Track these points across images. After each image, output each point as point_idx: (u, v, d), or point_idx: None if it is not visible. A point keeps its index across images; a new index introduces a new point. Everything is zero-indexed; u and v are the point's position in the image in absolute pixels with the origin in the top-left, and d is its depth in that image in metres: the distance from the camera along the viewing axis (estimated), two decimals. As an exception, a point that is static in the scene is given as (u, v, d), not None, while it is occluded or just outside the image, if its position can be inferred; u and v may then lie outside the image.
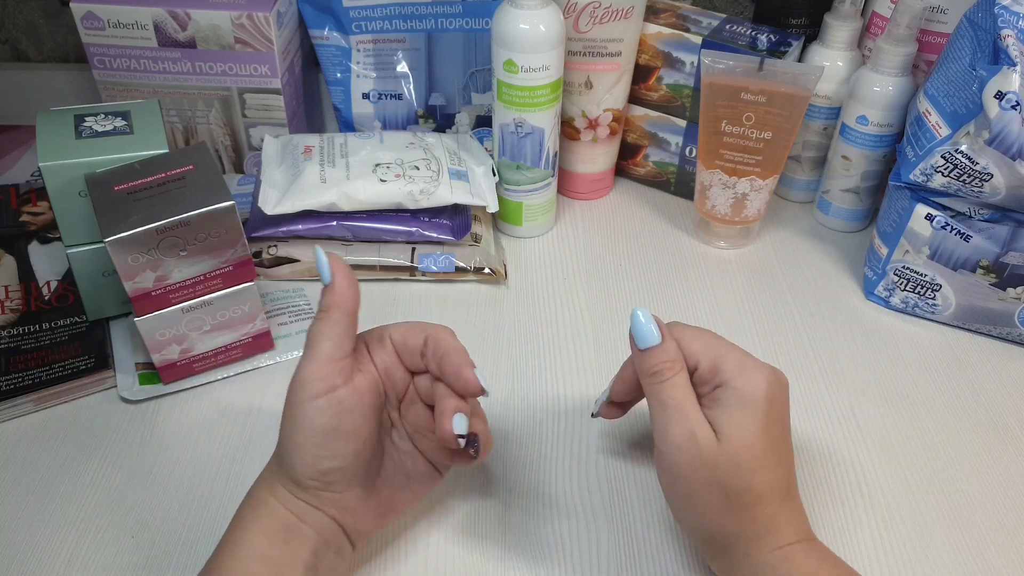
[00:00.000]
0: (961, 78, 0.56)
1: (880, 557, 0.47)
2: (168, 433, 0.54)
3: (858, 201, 0.71)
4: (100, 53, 0.69)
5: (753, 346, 0.61)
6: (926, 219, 0.59)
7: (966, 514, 0.50)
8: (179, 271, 0.51)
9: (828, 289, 0.67)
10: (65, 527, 0.48)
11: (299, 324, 0.61)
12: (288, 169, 0.65)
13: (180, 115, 0.73)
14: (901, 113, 0.65)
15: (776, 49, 0.67)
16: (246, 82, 0.71)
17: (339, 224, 0.64)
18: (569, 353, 0.60)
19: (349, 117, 0.77)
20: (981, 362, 0.60)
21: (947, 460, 0.53)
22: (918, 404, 0.57)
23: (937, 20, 0.66)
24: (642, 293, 0.66)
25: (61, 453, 0.52)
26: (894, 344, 0.62)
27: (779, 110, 0.64)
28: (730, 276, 0.68)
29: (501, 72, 0.63)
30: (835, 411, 0.56)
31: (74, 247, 0.57)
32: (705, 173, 0.69)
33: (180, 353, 0.55)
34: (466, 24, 0.73)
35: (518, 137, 0.66)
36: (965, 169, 0.55)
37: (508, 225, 0.71)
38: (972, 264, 0.59)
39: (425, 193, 0.64)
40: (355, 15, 0.72)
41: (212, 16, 0.67)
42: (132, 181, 0.52)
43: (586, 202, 0.77)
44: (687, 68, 0.70)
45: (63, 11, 0.84)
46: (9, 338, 0.58)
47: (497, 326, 0.62)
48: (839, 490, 0.51)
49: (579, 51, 0.68)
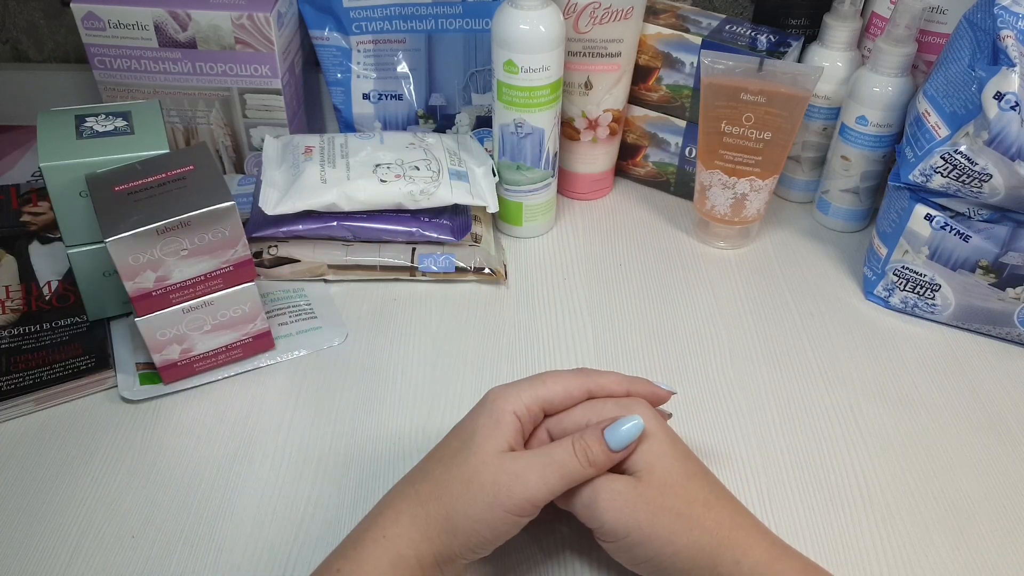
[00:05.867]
0: (960, 79, 0.56)
1: (880, 557, 0.47)
2: (168, 433, 0.54)
3: (857, 201, 0.71)
4: (101, 53, 0.69)
5: (753, 346, 0.61)
6: (925, 219, 0.59)
7: (966, 514, 0.50)
8: (179, 271, 0.51)
9: (828, 289, 0.67)
10: (65, 527, 0.48)
11: (299, 324, 0.61)
12: (288, 169, 0.66)
13: (181, 115, 0.73)
14: (900, 113, 0.65)
15: (776, 49, 0.67)
16: (247, 82, 0.71)
17: (339, 224, 0.64)
18: (569, 353, 0.60)
19: (349, 117, 0.77)
20: (980, 362, 0.61)
21: (947, 460, 0.53)
22: (918, 404, 0.57)
23: (936, 20, 0.66)
24: (642, 293, 0.66)
25: (61, 453, 0.52)
26: (894, 344, 0.62)
27: (779, 110, 0.64)
28: (730, 276, 0.68)
29: (501, 72, 0.63)
30: (835, 411, 0.56)
31: (75, 247, 0.57)
32: (705, 173, 0.69)
33: (181, 353, 0.55)
34: (466, 24, 0.73)
35: (518, 137, 0.66)
36: (964, 170, 0.55)
37: (508, 225, 0.72)
38: (971, 264, 0.59)
39: (425, 193, 0.64)
40: (355, 15, 0.72)
41: (212, 16, 0.67)
42: (133, 181, 0.52)
43: (586, 202, 0.77)
44: (687, 68, 0.70)
45: (64, 11, 0.84)
46: (10, 338, 0.58)
47: (497, 326, 0.62)
48: (839, 490, 0.51)
49: (579, 51, 0.68)
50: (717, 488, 0.42)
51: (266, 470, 0.51)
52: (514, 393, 0.43)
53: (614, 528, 0.41)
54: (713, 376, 0.59)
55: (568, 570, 0.46)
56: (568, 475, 0.41)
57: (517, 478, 0.40)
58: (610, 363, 0.59)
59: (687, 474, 0.42)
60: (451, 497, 0.40)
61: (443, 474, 0.41)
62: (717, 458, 0.53)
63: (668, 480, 0.41)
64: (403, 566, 0.39)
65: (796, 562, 0.41)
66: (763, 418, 0.55)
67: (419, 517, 0.40)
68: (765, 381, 0.58)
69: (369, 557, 0.39)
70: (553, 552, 0.47)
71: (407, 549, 0.40)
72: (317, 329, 0.61)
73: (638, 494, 0.41)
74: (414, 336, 0.61)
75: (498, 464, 0.40)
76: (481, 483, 0.40)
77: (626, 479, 0.42)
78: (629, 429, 0.41)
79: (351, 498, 0.50)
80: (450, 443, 0.43)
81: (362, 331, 0.62)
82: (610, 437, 0.41)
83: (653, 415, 0.43)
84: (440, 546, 0.40)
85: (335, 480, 0.51)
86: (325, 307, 0.63)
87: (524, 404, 0.43)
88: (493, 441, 0.41)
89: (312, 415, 0.55)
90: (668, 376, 0.58)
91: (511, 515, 0.40)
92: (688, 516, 0.40)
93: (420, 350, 0.60)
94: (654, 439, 0.42)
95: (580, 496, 0.42)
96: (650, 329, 0.62)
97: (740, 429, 0.55)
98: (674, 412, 0.50)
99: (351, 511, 0.49)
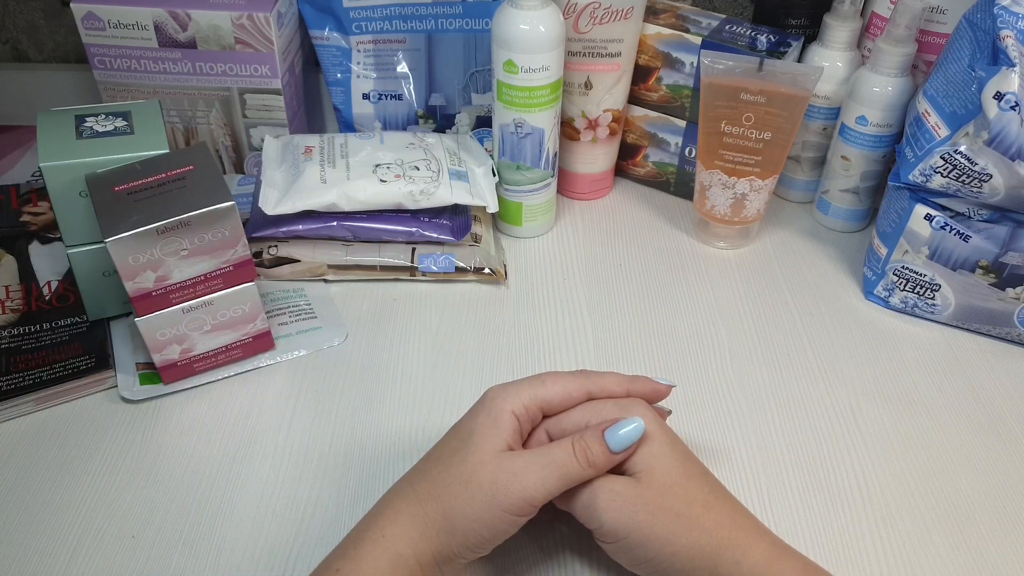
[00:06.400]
0: (960, 79, 0.56)
1: (880, 557, 0.47)
2: (168, 433, 0.54)
3: (857, 201, 0.71)
4: (101, 53, 0.69)
5: (753, 346, 0.61)
6: (925, 219, 0.59)
7: (966, 514, 0.50)
8: (179, 271, 0.51)
9: (827, 289, 0.67)
10: (65, 527, 0.48)
11: (299, 324, 0.61)
12: (288, 169, 0.66)
13: (181, 115, 0.73)
14: (900, 113, 0.65)
15: (776, 49, 0.67)
16: (246, 82, 0.71)
17: (339, 224, 0.64)
18: (569, 353, 0.60)
19: (349, 117, 0.77)
20: (980, 362, 0.61)
21: (946, 460, 0.53)
22: (917, 404, 0.57)
23: (936, 20, 0.66)
24: (642, 293, 0.66)
25: (61, 453, 0.52)
26: (893, 344, 0.62)
27: (779, 110, 0.64)
28: (729, 276, 0.68)
29: (501, 72, 0.63)
30: (835, 411, 0.56)
31: (75, 247, 0.57)
32: (705, 173, 0.69)
33: (180, 353, 0.55)
34: (466, 24, 0.73)
35: (518, 137, 0.66)
36: (964, 170, 0.55)
37: (508, 225, 0.72)
38: (971, 264, 0.59)
39: (425, 193, 0.64)
40: (355, 15, 0.72)
41: (212, 16, 0.67)
42: (133, 181, 0.52)
43: (586, 202, 0.77)
44: (687, 68, 0.70)
45: (64, 11, 0.84)
46: (10, 338, 0.58)
47: (497, 326, 0.62)
48: (839, 490, 0.51)
49: (579, 51, 0.68)
50: (717, 488, 0.42)
51: (266, 470, 0.51)
52: (513, 392, 0.43)
53: (613, 529, 0.41)
54: (713, 376, 0.59)
55: (568, 570, 0.46)
56: (567, 476, 0.41)
57: (515, 477, 0.40)
58: (610, 363, 0.59)
59: (686, 475, 0.42)
60: (449, 496, 0.40)
61: (441, 473, 0.41)
62: (717, 458, 0.53)
63: (667, 481, 0.41)
64: (402, 565, 0.39)
65: (796, 562, 0.41)
66: (763, 418, 0.55)
67: (418, 516, 0.40)
68: (765, 381, 0.58)
69: (368, 556, 0.39)
70: (552, 552, 0.47)
71: (406, 548, 0.40)
72: (317, 329, 0.61)
73: (637, 495, 0.41)
74: (414, 336, 0.61)
75: (496, 463, 0.40)
76: (479, 482, 0.40)
77: (625, 480, 0.42)
78: (629, 431, 0.41)
79: (351, 498, 0.50)
80: (449, 442, 0.43)
81: (362, 331, 0.62)
82: (610, 439, 0.41)
83: (653, 416, 0.43)
84: (439, 545, 0.40)
85: (335, 480, 0.51)
86: (325, 307, 0.63)
87: (523, 404, 0.43)
88: (491, 440, 0.41)
89: (312, 415, 0.55)
90: (668, 376, 0.58)
91: (509, 515, 0.40)
92: (687, 517, 0.40)
93: (420, 350, 0.60)
94: (653, 440, 0.42)
95: (579, 497, 0.42)
96: (650, 329, 0.62)
97: (740, 429, 0.55)
98: (674, 412, 0.50)
99: (351, 511, 0.49)
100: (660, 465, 0.42)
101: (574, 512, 0.42)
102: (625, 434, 0.41)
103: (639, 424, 0.42)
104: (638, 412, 0.43)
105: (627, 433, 0.41)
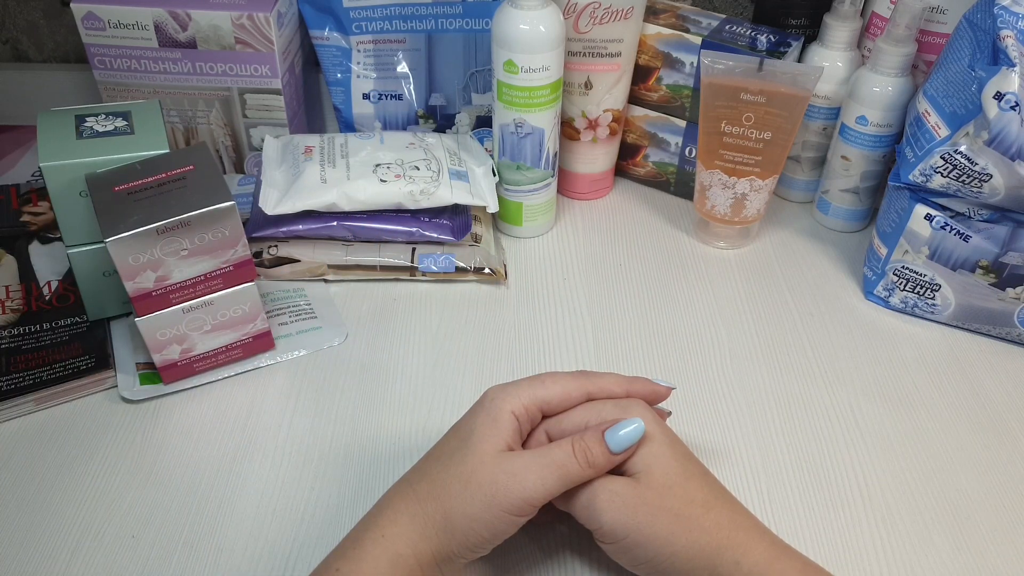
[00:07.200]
0: (960, 79, 0.56)
1: (880, 557, 0.47)
2: (168, 433, 0.54)
3: (857, 201, 0.71)
4: (101, 53, 0.69)
5: (753, 346, 0.61)
6: (925, 219, 0.59)
7: (966, 514, 0.50)
8: (179, 271, 0.51)
9: (827, 289, 0.67)
10: (65, 527, 0.48)
11: (299, 324, 0.61)
12: (288, 169, 0.66)
13: (181, 115, 0.73)
14: (900, 113, 0.65)
15: (776, 49, 0.67)
16: (246, 82, 0.71)
17: (339, 224, 0.64)
18: (569, 353, 0.60)
19: (349, 117, 0.77)
20: (980, 362, 0.61)
21: (946, 460, 0.53)
22: (917, 404, 0.57)
23: (936, 20, 0.66)
24: (642, 293, 0.66)
25: (61, 453, 0.52)
26: (893, 344, 0.62)
27: (779, 110, 0.64)
28: (729, 276, 0.68)
29: (501, 72, 0.63)
30: (835, 411, 0.56)
31: (75, 247, 0.57)
32: (705, 173, 0.69)
33: (181, 353, 0.55)
34: (466, 24, 0.73)
35: (518, 137, 0.66)
36: (964, 170, 0.55)
37: (508, 225, 0.72)
38: (971, 264, 0.59)
39: (425, 193, 0.64)
40: (355, 15, 0.72)
41: (212, 16, 0.67)
42: (133, 181, 0.52)
43: (586, 202, 0.77)
44: (687, 68, 0.70)
45: (64, 11, 0.84)
46: (10, 338, 0.58)
47: (497, 326, 0.62)
48: (839, 490, 0.51)
49: (579, 51, 0.68)
50: (716, 489, 0.42)
51: (266, 470, 0.51)
52: (512, 392, 0.43)
53: (613, 529, 0.41)
54: (713, 376, 0.59)
55: (567, 570, 0.46)
56: (567, 476, 0.41)
57: (515, 477, 0.40)
58: (610, 363, 0.59)
59: (686, 475, 0.42)
60: (449, 496, 0.40)
61: (441, 473, 0.41)
62: (717, 458, 0.53)
63: (667, 481, 0.41)
64: (402, 565, 0.39)
65: (796, 562, 0.41)
66: (763, 418, 0.56)
67: (417, 516, 0.40)
68: (765, 381, 0.58)
69: (368, 556, 0.39)
70: (552, 552, 0.47)
71: (406, 548, 0.40)
72: (317, 329, 0.61)
73: (637, 495, 0.41)
74: (414, 336, 0.61)
75: (496, 463, 0.40)
76: (479, 482, 0.40)
77: (625, 480, 0.42)
78: (629, 432, 0.41)
79: (351, 498, 0.50)
80: (448, 442, 0.43)
81: (362, 331, 0.62)
82: (610, 439, 0.41)
83: (653, 416, 0.43)
84: (438, 545, 0.40)
85: (335, 480, 0.51)
86: (325, 307, 0.63)
87: (522, 404, 0.43)
88: (491, 440, 0.41)
89: (312, 415, 0.55)
90: (668, 376, 0.58)
91: (509, 514, 0.40)
92: (687, 517, 0.40)
93: (420, 350, 0.60)
94: (653, 440, 0.42)
95: (579, 497, 0.42)
96: (650, 329, 0.62)
97: (740, 429, 0.55)
98: (674, 412, 0.50)
99: (351, 511, 0.49)
100: (660, 466, 0.42)
101: (574, 512, 0.42)
102: (625, 435, 0.41)
103: (639, 425, 0.42)
104: (638, 413, 0.43)
105: (627, 434, 0.41)
